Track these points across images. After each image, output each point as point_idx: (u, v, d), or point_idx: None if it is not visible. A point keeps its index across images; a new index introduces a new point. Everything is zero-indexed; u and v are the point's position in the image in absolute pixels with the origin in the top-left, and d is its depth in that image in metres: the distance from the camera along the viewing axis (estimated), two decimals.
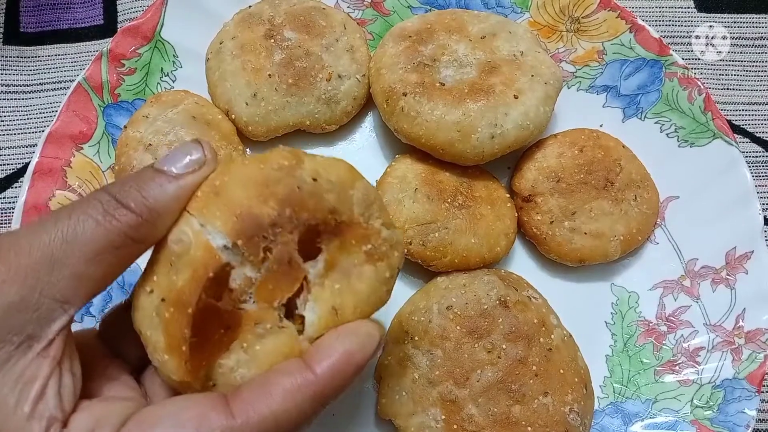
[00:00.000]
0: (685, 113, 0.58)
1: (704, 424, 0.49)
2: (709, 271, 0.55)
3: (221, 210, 0.30)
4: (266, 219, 0.31)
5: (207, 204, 0.31)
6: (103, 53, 0.56)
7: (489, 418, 0.46)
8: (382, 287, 0.35)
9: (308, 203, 0.31)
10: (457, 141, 0.53)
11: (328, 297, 0.33)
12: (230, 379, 0.32)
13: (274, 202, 0.31)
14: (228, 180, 0.31)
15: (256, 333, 0.32)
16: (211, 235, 0.30)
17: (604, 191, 0.55)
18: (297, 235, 0.31)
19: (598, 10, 0.60)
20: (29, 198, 0.51)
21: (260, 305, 0.32)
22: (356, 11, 0.63)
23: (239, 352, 0.32)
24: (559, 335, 0.50)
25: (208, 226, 0.30)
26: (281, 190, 0.31)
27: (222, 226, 0.30)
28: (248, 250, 0.30)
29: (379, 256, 0.34)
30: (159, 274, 0.31)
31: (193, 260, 0.30)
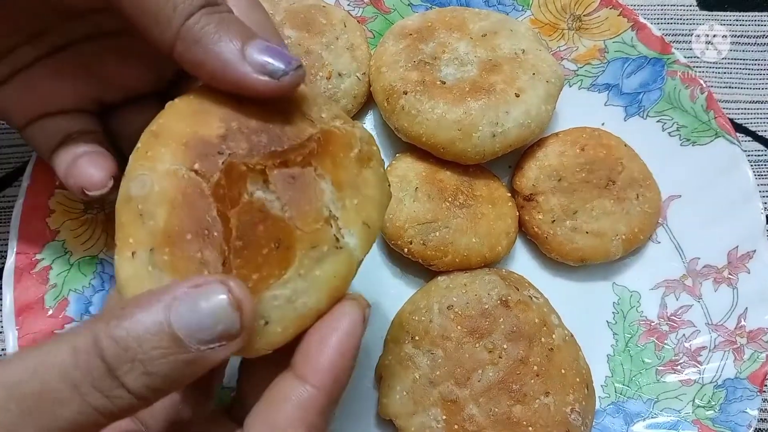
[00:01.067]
0: (687, 112, 0.58)
1: (706, 423, 0.49)
2: (711, 270, 0.55)
3: (166, 146, 0.29)
4: (215, 136, 0.29)
5: (150, 147, 0.29)
6: None
7: (490, 418, 0.46)
8: (384, 184, 0.34)
9: (254, 115, 0.30)
10: (457, 140, 0.52)
11: (355, 217, 0.31)
12: (289, 311, 0.28)
13: (217, 120, 0.29)
14: (164, 121, 0.30)
15: (312, 257, 0.29)
16: (170, 164, 0.28)
17: (605, 190, 0.54)
18: (263, 158, 0.29)
19: (600, 8, 0.60)
20: (29, 197, 0.51)
21: (307, 224, 0.29)
22: (356, 9, 0.63)
23: (296, 279, 0.28)
24: (561, 335, 0.50)
25: (158, 164, 0.28)
26: (220, 109, 0.30)
27: (173, 158, 0.28)
28: (208, 171, 0.28)
29: (367, 156, 0.33)
30: (133, 234, 0.28)
31: (163, 192, 0.27)
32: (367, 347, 0.53)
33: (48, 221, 0.51)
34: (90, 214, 0.53)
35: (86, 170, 0.39)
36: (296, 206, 0.29)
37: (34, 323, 0.48)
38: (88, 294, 0.51)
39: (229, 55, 0.30)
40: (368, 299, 0.55)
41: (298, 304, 0.28)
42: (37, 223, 0.50)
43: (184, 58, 0.31)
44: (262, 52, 0.31)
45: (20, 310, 0.48)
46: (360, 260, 0.31)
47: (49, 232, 0.50)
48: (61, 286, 0.50)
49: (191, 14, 0.31)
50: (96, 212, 0.53)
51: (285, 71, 0.30)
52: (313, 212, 0.29)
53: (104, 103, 0.43)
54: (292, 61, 0.31)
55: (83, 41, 0.41)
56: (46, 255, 0.50)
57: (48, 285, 0.49)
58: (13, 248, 0.49)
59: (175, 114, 0.31)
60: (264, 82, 0.30)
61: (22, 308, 0.48)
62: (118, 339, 0.23)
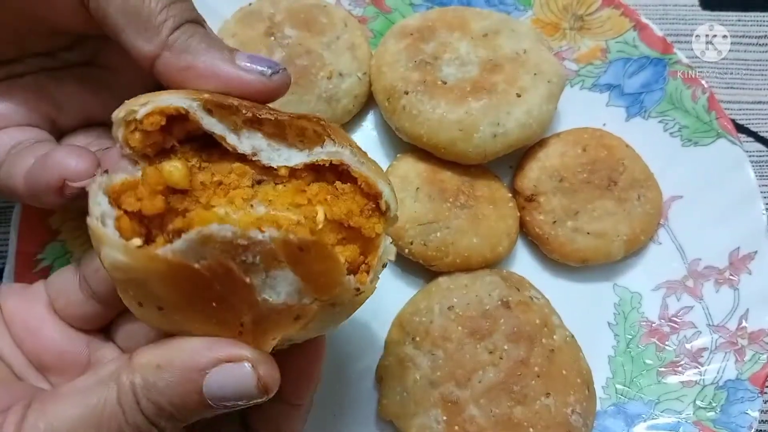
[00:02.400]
0: (688, 112, 0.58)
1: (707, 425, 0.49)
2: (712, 271, 0.54)
3: (145, 97, 0.29)
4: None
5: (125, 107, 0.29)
6: None
7: (491, 419, 0.46)
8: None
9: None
10: (458, 140, 0.52)
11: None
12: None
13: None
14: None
15: (329, 310, 0.29)
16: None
17: (607, 191, 0.54)
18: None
19: (602, 7, 0.60)
20: None
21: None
22: (357, 9, 0.62)
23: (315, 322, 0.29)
24: (562, 336, 0.50)
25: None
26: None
27: (147, 105, 0.29)
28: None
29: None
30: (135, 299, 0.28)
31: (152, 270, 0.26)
32: (367, 348, 0.53)
33: (49, 221, 0.50)
34: None
35: (66, 158, 0.34)
36: (312, 284, 0.28)
37: None
38: None
39: (220, 59, 0.33)
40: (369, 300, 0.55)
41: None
42: (38, 223, 0.50)
43: (170, 64, 0.33)
44: (249, 59, 0.34)
45: None
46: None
47: (49, 233, 0.50)
48: None
49: (179, 25, 0.34)
50: None
51: (275, 70, 0.34)
52: (331, 283, 0.28)
53: (59, 126, 0.42)
54: (278, 65, 0.34)
55: (44, 71, 0.41)
56: (46, 255, 0.50)
57: None
58: (13, 248, 0.49)
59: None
60: (258, 78, 0.33)
61: None
62: (156, 402, 0.28)
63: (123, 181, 0.28)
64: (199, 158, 0.31)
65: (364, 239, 0.30)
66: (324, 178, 0.32)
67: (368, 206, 0.31)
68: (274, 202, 0.30)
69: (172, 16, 0.33)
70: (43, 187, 0.35)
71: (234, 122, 0.30)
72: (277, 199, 0.30)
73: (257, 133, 0.31)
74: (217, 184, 0.30)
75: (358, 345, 0.53)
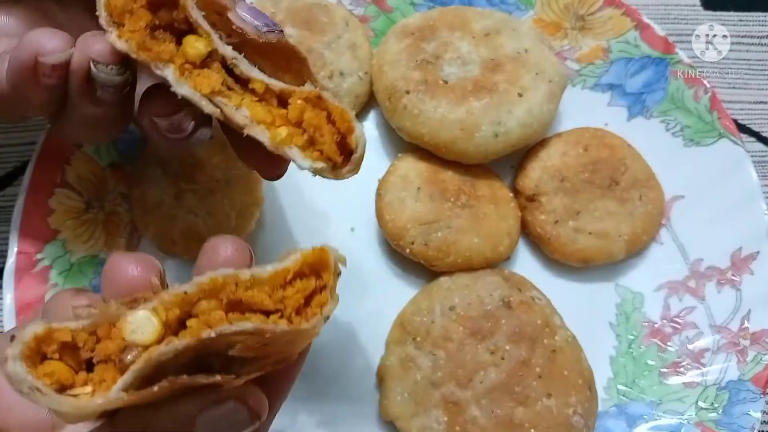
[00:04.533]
0: (690, 112, 0.58)
1: (709, 426, 0.49)
2: (714, 271, 0.54)
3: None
4: None
5: None
6: None
7: (492, 420, 0.45)
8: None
9: None
10: (460, 139, 0.52)
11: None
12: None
13: None
14: None
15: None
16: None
17: (608, 191, 0.54)
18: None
19: (603, 7, 0.60)
20: (29, 196, 0.50)
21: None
22: (358, 8, 0.62)
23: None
24: (563, 336, 0.49)
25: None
26: None
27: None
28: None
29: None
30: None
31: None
32: (368, 348, 0.53)
33: (48, 220, 0.50)
34: (90, 213, 0.52)
35: (41, 35, 0.33)
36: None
37: None
38: None
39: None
40: (370, 300, 0.55)
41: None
42: (38, 222, 0.50)
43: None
44: (249, 11, 0.33)
45: (21, 310, 0.48)
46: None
47: (49, 232, 0.50)
48: (61, 285, 0.50)
49: None
50: (96, 211, 0.53)
51: (271, 29, 0.32)
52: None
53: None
54: (274, 23, 0.33)
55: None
56: (46, 254, 0.50)
57: (48, 285, 0.49)
58: (13, 248, 0.49)
59: None
60: (251, 30, 0.32)
61: (22, 308, 0.48)
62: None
63: (35, 335, 0.24)
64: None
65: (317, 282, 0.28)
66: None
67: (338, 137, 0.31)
68: (250, 108, 0.31)
69: None
70: (18, 71, 0.33)
71: (217, 28, 0.30)
72: (252, 108, 0.31)
73: (240, 52, 0.31)
74: (192, 67, 0.31)
75: (358, 345, 0.53)
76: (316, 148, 0.32)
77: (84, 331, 0.25)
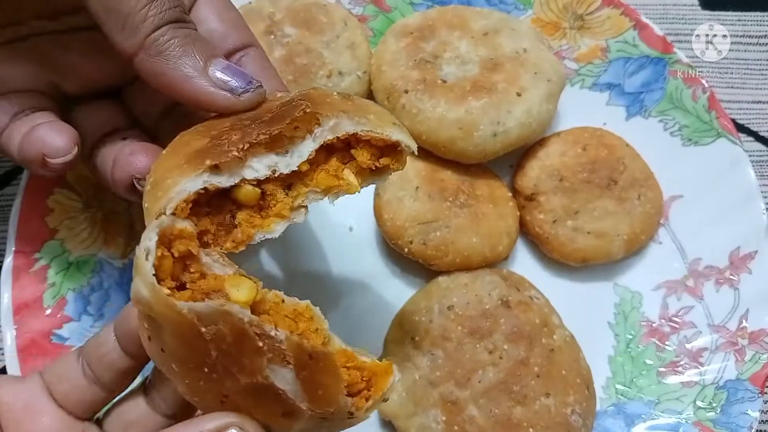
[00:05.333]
0: (689, 112, 0.58)
1: (707, 425, 0.49)
2: (712, 271, 0.54)
3: (163, 191, 0.29)
4: (208, 141, 0.31)
5: (150, 203, 0.30)
6: None
7: (490, 420, 0.45)
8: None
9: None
10: (458, 139, 0.52)
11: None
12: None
13: (204, 133, 0.32)
14: (156, 167, 0.31)
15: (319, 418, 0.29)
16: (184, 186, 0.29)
17: (607, 190, 0.54)
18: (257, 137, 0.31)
19: (602, 7, 0.60)
20: (27, 195, 0.50)
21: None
22: (357, 8, 0.62)
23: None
24: (562, 336, 0.49)
25: (170, 202, 0.29)
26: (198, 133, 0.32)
27: (185, 175, 0.29)
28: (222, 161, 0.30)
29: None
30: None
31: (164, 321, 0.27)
32: (366, 347, 0.53)
33: (46, 220, 0.50)
34: (89, 213, 0.52)
35: (47, 135, 0.36)
36: (309, 393, 0.28)
37: (32, 322, 0.48)
38: (86, 293, 0.50)
39: (191, 70, 0.33)
40: (368, 299, 0.55)
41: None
42: (36, 222, 0.50)
43: (144, 67, 0.33)
44: (224, 70, 0.33)
45: (18, 309, 0.48)
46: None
47: (47, 231, 0.50)
48: (59, 285, 0.50)
49: (159, 27, 0.33)
50: (95, 211, 0.53)
51: (246, 89, 0.33)
52: (327, 398, 0.28)
53: (64, 91, 0.42)
54: (252, 81, 0.33)
55: (48, 34, 0.40)
56: (44, 254, 0.50)
57: (46, 284, 0.49)
58: (11, 247, 0.49)
59: (165, 157, 0.32)
60: (224, 97, 0.33)
61: (20, 307, 0.48)
62: None
63: (182, 229, 0.29)
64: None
65: (371, 374, 0.31)
66: (336, 150, 0.33)
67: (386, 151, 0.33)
68: (312, 186, 0.33)
69: (153, 15, 0.33)
70: (27, 164, 0.37)
71: (241, 160, 0.30)
72: (312, 186, 0.33)
73: (263, 151, 0.31)
74: (259, 210, 0.32)
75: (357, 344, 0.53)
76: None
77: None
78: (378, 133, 0.32)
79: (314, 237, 0.56)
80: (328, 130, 0.32)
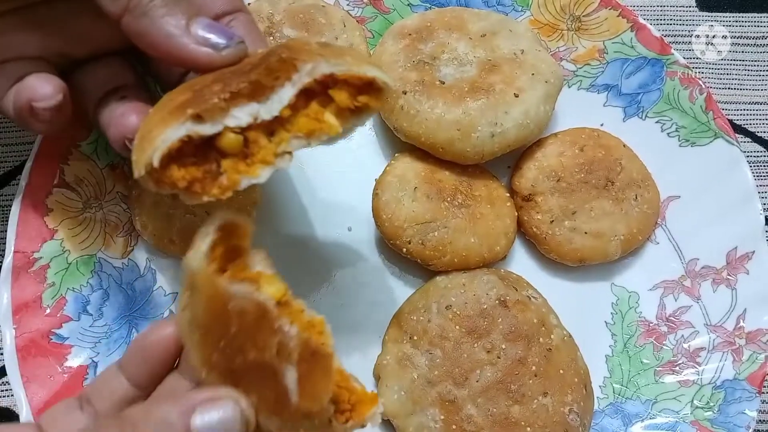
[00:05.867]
0: (686, 112, 0.58)
1: (704, 425, 0.49)
2: (709, 271, 0.55)
3: (149, 141, 0.31)
4: (190, 94, 0.32)
5: (138, 155, 0.31)
6: None
7: (488, 419, 0.45)
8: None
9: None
10: (456, 140, 0.52)
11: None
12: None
13: (186, 90, 0.33)
14: (143, 124, 0.33)
15: (300, 418, 0.31)
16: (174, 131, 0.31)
17: (604, 191, 0.54)
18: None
19: (599, 8, 0.60)
20: (27, 195, 0.50)
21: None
22: (356, 9, 0.63)
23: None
24: (559, 335, 0.50)
25: (160, 143, 0.31)
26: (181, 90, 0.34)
27: (174, 122, 0.31)
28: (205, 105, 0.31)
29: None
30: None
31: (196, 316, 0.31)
32: (365, 347, 0.53)
33: (46, 220, 0.50)
34: (88, 212, 0.52)
35: (34, 83, 0.38)
36: (302, 385, 0.30)
37: (31, 322, 0.48)
38: (86, 293, 0.51)
39: (174, 29, 0.34)
40: (367, 299, 0.55)
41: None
42: (35, 221, 0.50)
43: (130, 28, 0.35)
44: (206, 27, 0.34)
45: (17, 309, 0.48)
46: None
47: (47, 231, 0.50)
48: (58, 284, 0.50)
49: None
50: (94, 211, 0.53)
51: (226, 45, 0.34)
52: (316, 396, 0.30)
53: (71, 57, 0.42)
54: (234, 36, 0.34)
55: (54, 1, 0.40)
56: (43, 253, 0.50)
57: (46, 284, 0.49)
58: (10, 247, 0.49)
59: (153, 112, 0.34)
60: (206, 53, 0.34)
61: (19, 307, 0.48)
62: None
63: (242, 225, 0.33)
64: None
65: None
66: (315, 95, 0.34)
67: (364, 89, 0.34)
68: (294, 132, 0.34)
69: None
70: (19, 111, 0.39)
71: (222, 109, 0.32)
72: (294, 131, 0.34)
73: (244, 101, 0.32)
74: (243, 157, 0.33)
75: (355, 344, 0.53)
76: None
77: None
78: (354, 71, 0.33)
79: (313, 237, 0.56)
80: (306, 74, 0.33)
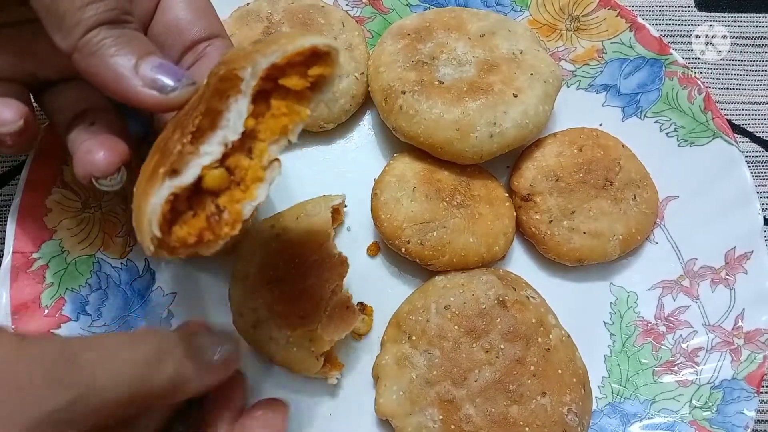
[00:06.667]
0: (684, 112, 0.58)
1: (703, 424, 0.49)
2: (708, 271, 0.55)
3: (142, 216, 0.31)
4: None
5: (138, 233, 0.32)
6: None
7: (487, 419, 0.46)
8: None
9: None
10: (455, 140, 0.52)
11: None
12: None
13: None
14: (134, 198, 0.33)
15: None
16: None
17: (603, 190, 0.54)
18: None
19: (598, 8, 0.60)
20: (26, 195, 0.50)
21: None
22: (355, 9, 0.63)
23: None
24: (558, 335, 0.50)
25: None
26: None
27: (151, 225, 0.31)
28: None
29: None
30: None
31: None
32: (364, 347, 0.53)
33: (45, 220, 0.50)
34: (87, 213, 0.52)
35: (93, 156, 0.38)
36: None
37: (30, 322, 0.48)
38: (84, 293, 0.51)
39: (122, 70, 0.34)
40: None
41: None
42: (34, 221, 0.50)
43: (80, 66, 0.34)
44: (155, 68, 0.34)
45: (16, 309, 0.48)
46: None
47: (45, 231, 0.50)
48: (57, 285, 0.50)
49: (92, 28, 0.34)
50: (93, 211, 0.53)
51: (174, 87, 0.34)
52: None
53: (39, 78, 0.43)
54: (182, 78, 0.34)
55: (26, 22, 0.40)
56: (42, 254, 0.50)
57: (44, 284, 0.49)
58: (9, 247, 0.49)
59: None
60: (152, 96, 0.34)
61: (18, 307, 0.48)
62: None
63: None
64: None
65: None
66: (271, 92, 0.34)
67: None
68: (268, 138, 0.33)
69: (87, 17, 0.33)
70: (78, 176, 0.39)
71: (191, 152, 0.32)
72: (268, 137, 0.33)
73: (208, 134, 0.32)
74: (235, 186, 0.33)
75: (354, 344, 0.53)
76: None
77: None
78: (290, 49, 0.32)
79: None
80: (250, 77, 0.32)
